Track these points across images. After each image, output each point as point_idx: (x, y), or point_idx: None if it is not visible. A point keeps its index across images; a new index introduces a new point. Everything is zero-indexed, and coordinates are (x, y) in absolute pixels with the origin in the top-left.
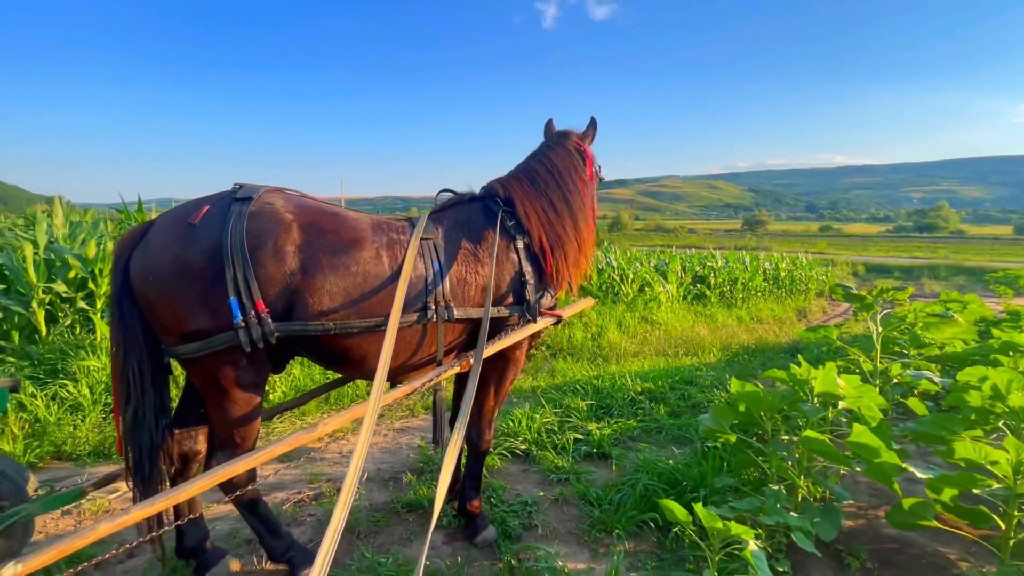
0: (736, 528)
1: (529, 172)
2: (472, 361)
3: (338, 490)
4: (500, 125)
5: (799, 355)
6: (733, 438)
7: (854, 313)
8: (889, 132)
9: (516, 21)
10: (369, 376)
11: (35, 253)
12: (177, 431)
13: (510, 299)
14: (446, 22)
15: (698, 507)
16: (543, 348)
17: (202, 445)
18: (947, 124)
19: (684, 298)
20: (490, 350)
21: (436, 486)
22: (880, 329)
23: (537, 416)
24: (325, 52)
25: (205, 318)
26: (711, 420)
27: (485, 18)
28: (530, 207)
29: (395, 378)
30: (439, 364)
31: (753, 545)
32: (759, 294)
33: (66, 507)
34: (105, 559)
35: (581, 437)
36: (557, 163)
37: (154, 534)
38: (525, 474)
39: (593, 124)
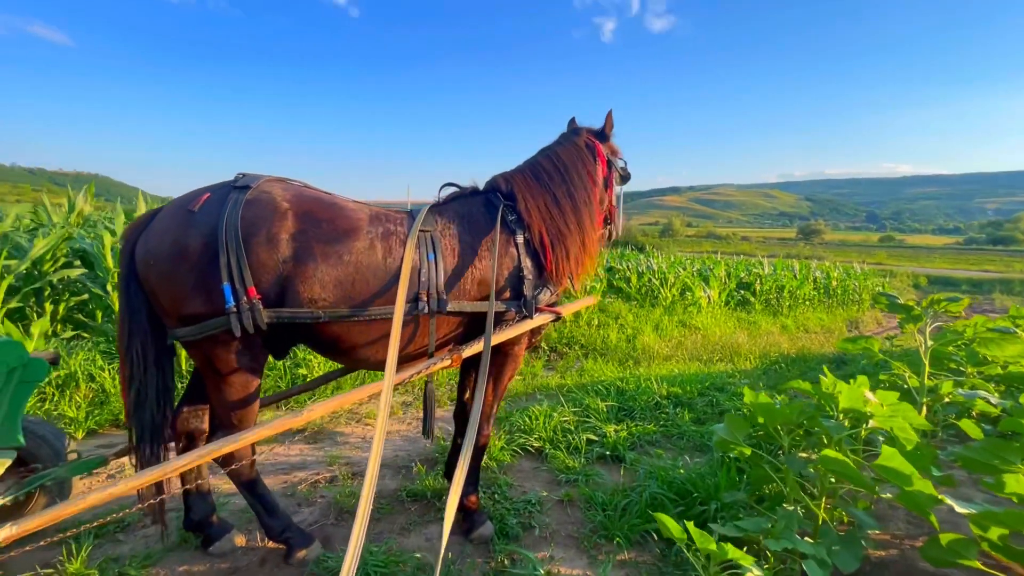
0: (733, 552)
1: (534, 167)
2: (462, 355)
3: (353, 474)
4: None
5: (824, 367)
6: (748, 451)
7: (900, 324)
8: (960, 140)
9: (576, 36)
10: (363, 365)
11: (113, 240)
12: (185, 409)
13: (507, 294)
14: (506, 35)
15: (691, 525)
16: (575, 347)
17: (207, 424)
18: None
19: (727, 304)
20: (478, 348)
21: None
22: (930, 343)
23: (555, 414)
24: (395, 63)
25: (200, 302)
26: (725, 430)
27: (545, 32)
28: (532, 201)
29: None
30: (431, 357)
31: (754, 572)
32: (807, 303)
33: (110, 472)
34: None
35: (596, 438)
36: (564, 158)
37: (152, 502)
38: (535, 472)
39: (608, 118)
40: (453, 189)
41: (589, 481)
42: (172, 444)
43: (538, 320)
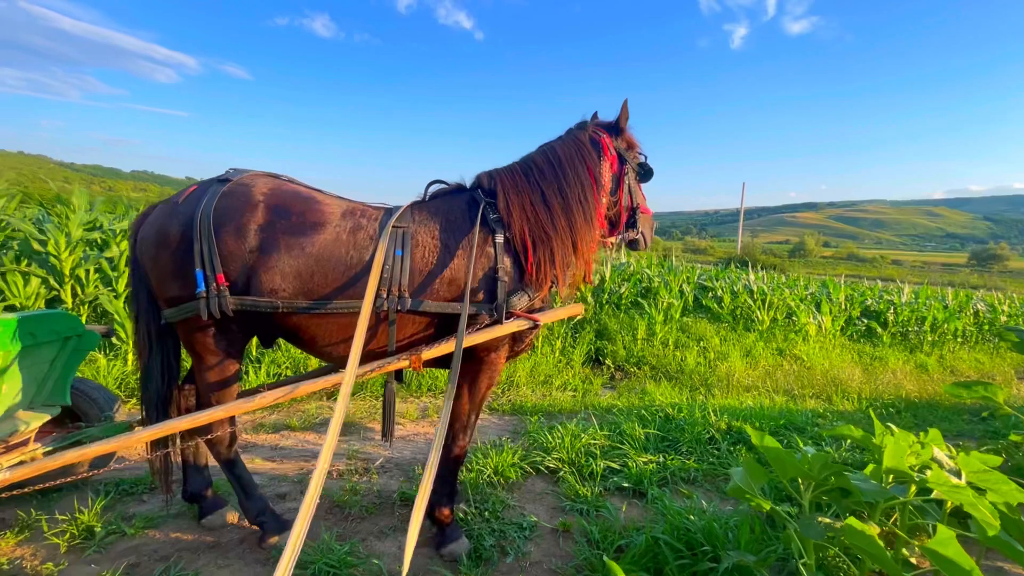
0: None
1: (526, 163)
2: (421, 357)
3: (365, 470)
4: (686, 148)
5: (959, 420)
6: (767, 505)
7: None
8: None
9: (702, 45)
10: (327, 358)
11: None
12: (187, 387)
13: (481, 296)
14: (629, 49)
15: None
16: (645, 367)
17: None
18: None
19: (844, 333)
20: (445, 348)
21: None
22: None
23: (584, 435)
24: (517, 81)
25: (178, 286)
26: (741, 476)
27: (669, 43)
28: (515, 199)
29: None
30: (390, 356)
31: None
32: (961, 340)
33: None
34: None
35: (617, 467)
36: (560, 153)
37: (158, 454)
38: (542, 495)
39: (623, 109)
40: (440, 186)
41: (599, 512)
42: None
43: (511, 326)
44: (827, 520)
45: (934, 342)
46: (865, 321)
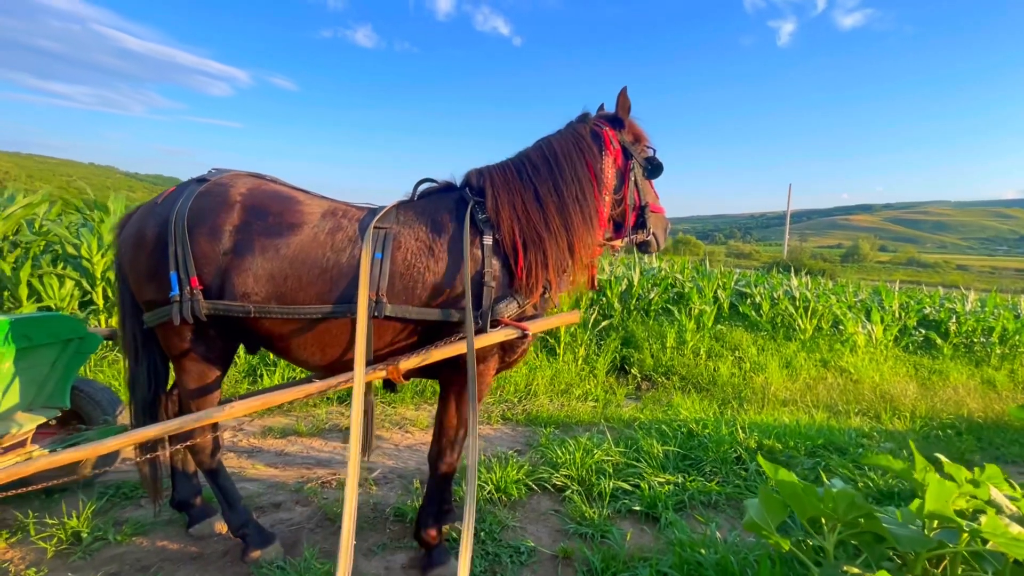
0: None
1: (520, 159)
2: (400, 367)
3: (365, 480)
4: (730, 150)
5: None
6: (785, 545)
7: None
8: None
9: (745, 43)
10: (305, 366)
11: None
12: (176, 392)
13: (465, 302)
14: (667, 50)
15: None
16: (674, 378)
17: None
18: None
19: (898, 344)
20: (425, 358)
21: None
22: None
23: (597, 451)
24: (554, 84)
25: (154, 289)
26: (757, 510)
27: (711, 43)
28: (505, 198)
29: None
30: (369, 365)
31: None
32: None
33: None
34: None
35: (629, 488)
36: (556, 148)
37: (143, 458)
38: (544, 515)
39: (620, 98)
40: (429, 184)
41: (605, 537)
42: None
43: (497, 335)
44: (855, 570)
45: (1003, 355)
46: (923, 331)
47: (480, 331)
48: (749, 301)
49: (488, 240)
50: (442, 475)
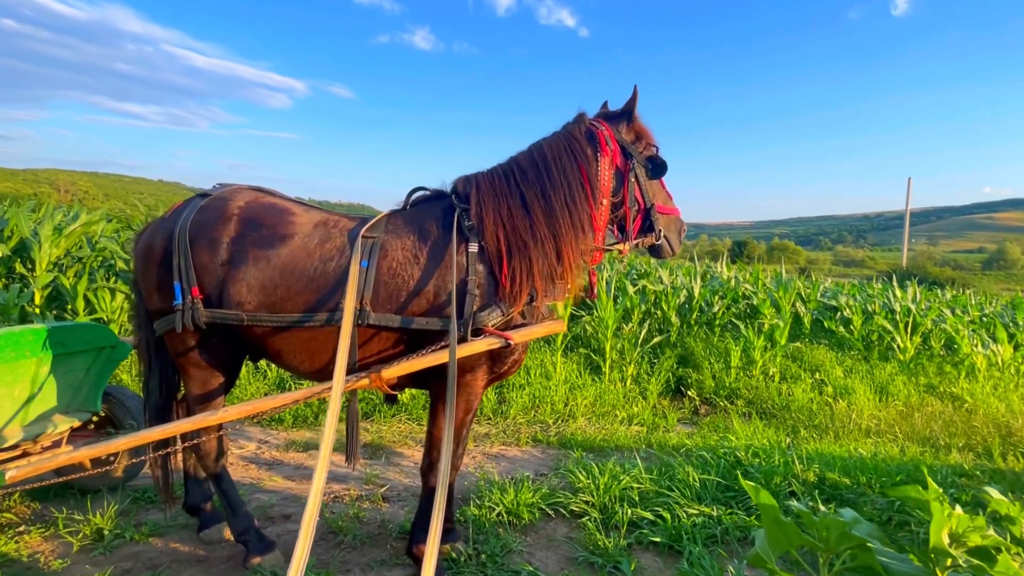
0: None
1: (509, 164)
2: (382, 375)
3: (383, 498)
4: (836, 140)
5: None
6: None
7: None
8: None
9: (853, 16)
10: (296, 373)
11: None
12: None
13: (448, 311)
14: (761, 28)
15: None
16: (738, 401)
17: None
18: None
19: None
20: (407, 367)
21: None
22: None
23: (626, 476)
24: (625, 76)
25: (160, 298)
26: (761, 542)
27: (812, 15)
28: (490, 205)
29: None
30: (352, 373)
31: None
32: None
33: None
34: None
35: (651, 517)
36: (547, 152)
37: (153, 456)
38: (556, 542)
39: (632, 97)
40: (422, 192)
41: (614, 570)
42: None
43: (478, 344)
44: None
45: None
46: None
47: (462, 340)
48: (838, 316)
49: (473, 248)
50: (432, 489)
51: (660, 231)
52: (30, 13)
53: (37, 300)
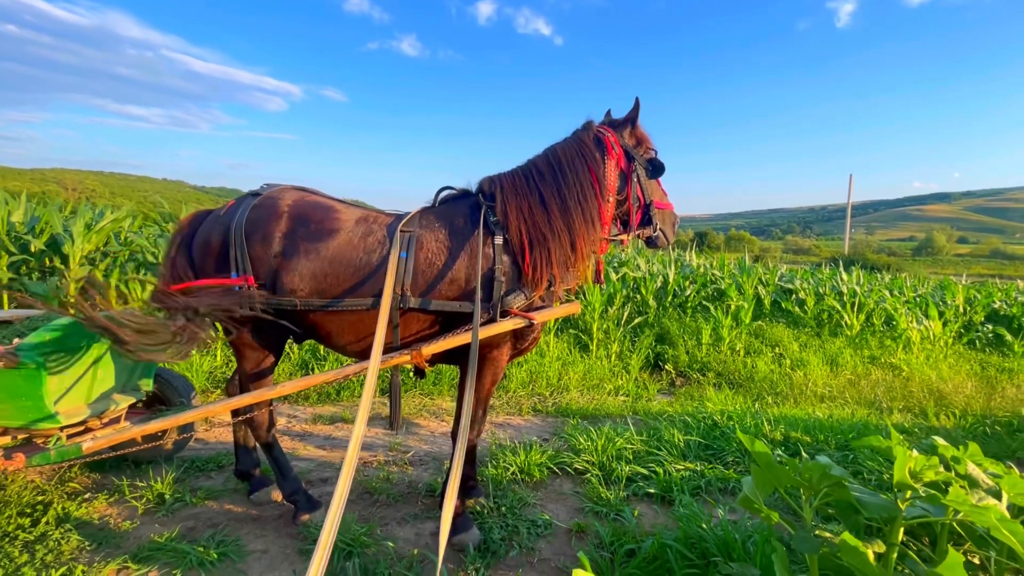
0: None
1: (528, 166)
2: (422, 353)
3: (408, 462)
4: (786, 141)
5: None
6: (774, 517)
7: None
8: None
9: (801, 27)
10: (344, 353)
11: None
12: (237, 380)
13: (479, 295)
14: (715, 42)
15: None
16: (709, 374)
17: None
18: None
19: (962, 341)
20: (445, 344)
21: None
22: None
23: (619, 439)
24: (597, 83)
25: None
26: (749, 486)
27: (762, 30)
28: (512, 203)
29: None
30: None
31: None
32: None
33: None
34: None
35: (647, 473)
36: (560, 155)
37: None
38: (564, 495)
39: (635, 106)
40: (449, 191)
41: (617, 517)
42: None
43: (507, 324)
44: (827, 534)
45: None
46: (991, 327)
47: (491, 320)
48: (793, 297)
49: (499, 240)
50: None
51: (657, 224)
52: (32, 19)
53: (72, 292)
